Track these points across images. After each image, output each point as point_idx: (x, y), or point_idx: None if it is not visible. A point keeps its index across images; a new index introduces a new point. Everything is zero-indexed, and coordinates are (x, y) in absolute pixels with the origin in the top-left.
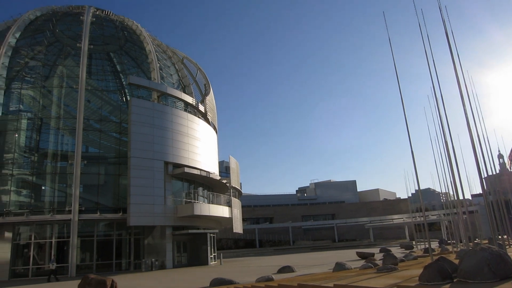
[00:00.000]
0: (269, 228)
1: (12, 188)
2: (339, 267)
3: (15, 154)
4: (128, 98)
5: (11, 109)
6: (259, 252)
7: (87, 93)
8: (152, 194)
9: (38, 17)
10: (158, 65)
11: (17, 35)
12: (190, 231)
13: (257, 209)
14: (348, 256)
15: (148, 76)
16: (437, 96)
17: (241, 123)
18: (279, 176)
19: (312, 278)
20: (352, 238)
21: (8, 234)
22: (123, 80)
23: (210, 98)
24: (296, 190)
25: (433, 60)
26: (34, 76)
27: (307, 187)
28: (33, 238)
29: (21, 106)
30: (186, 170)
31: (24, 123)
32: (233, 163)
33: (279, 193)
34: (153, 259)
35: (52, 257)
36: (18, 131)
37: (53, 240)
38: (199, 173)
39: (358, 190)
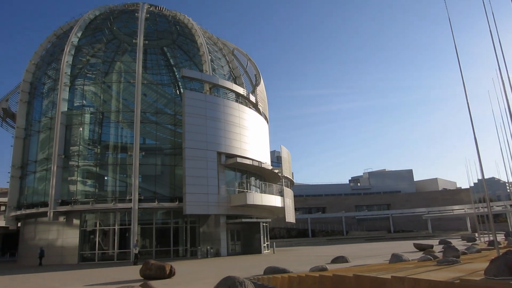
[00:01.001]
0: (321, 218)
1: (79, 179)
2: (396, 258)
3: (80, 146)
4: (182, 91)
5: (75, 104)
6: (311, 242)
7: (143, 87)
8: (206, 184)
9: (97, 16)
10: (210, 57)
11: (79, 34)
12: (243, 220)
13: (309, 198)
14: (405, 247)
15: (200, 68)
16: (503, 79)
17: (292, 112)
18: (331, 166)
19: (368, 269)
20: (408, 229)
21: (76, 221)
22: (176, 73)
23: (261, 89)
24: (349, 180)
25: (499, 40)
26: (95, 73)
27: (361, 176)
28: (98, 225)
29: (84, 101)
30: (239, 160)
31: (87, 117)
32: (285, 153)
33: (332, 182)
34: (208, 247)
35: (135, 241)
36: (82, 125)
37: (116, 227)
38: (251, 163)
39: (415, 179)
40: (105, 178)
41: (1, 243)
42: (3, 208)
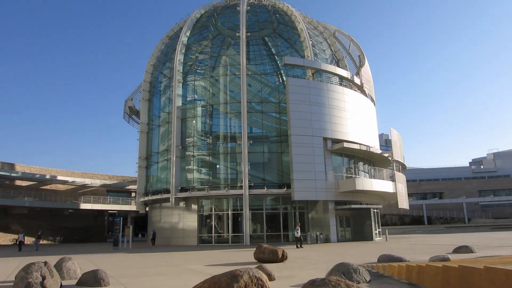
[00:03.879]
0: (438, 204)
1: (194, 167)
2: None
3: (194, 138)
4: (284, 79)
5: (188, 99)
6: (427, 230)
7: (248, 78)
8: (313, 170)
9: (202, 15)
10: (311, 42)
11: (188, 33)
12: (352, 206)
13: (424, 183)
14: None
15: (302, 54)
16: None
17: (400, 92)
18: (447, 148)
19: (501, 261)
20: None
21: (194, 206)
22: (278, 62)
23: (366, 70)
24: (470, 162)
25: None
26: (203, 68)
27: (484, 158)
28: (213, 210)
29: (195, 95)
30: (345, 145)
31: (199, 110)
32: (395, 136)
33: (449, 165)
34: (317, 233)
35: (297, 226)
36: (195, 118)
37: (229, 212)
38: (358, 148)
39: None
40: (217, 166)
41: (133, 225)
42: (133, 194)
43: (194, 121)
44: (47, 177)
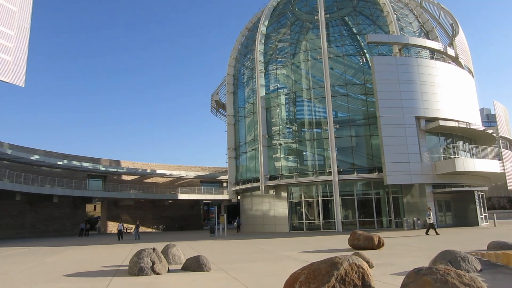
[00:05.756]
0: None
1: (282, 155)
2: None
3: (280, 126)
4: (368, 58)
5: (271, 88)
6: None
7: (330, 61)
8: (406, 152)
9: (279, 2)
10: (395, 16)
11: (266, 23)
12: (453, 189)
13: None
14: None
15: (386, 30)
16: None
17: (501, 61)
18: None
19: None
20: None
21: (283, 194)
22: (361, 41)
23: (460, 39)
24: None
25: None
26: (284, 56)
27: None
28: (302, 197)
29: (278, 84)
30: (441, 123)
31: (282, 98)
32: (500, 109)
33: None
34: (414, 218)
35: (428, 210)
36: (279, 106)
37: (319, 199)
38: (456, 125)
39: None
40: (304, 153)
41: (227, 213)
42: (225, 184)
43: (279, 110)
44: (148, 171)
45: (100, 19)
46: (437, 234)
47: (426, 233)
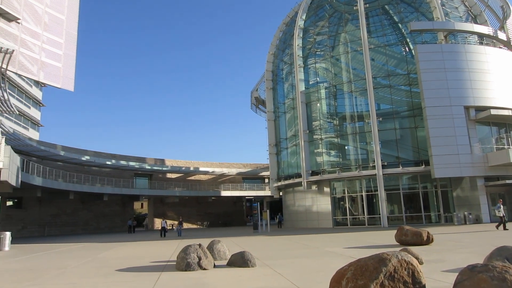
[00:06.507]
0: None
1: (323, 150)
2: None
3: (320, 121)
4: (411, 47)
5: (310, 82)
6: None
7: (371, 52)
8: (454, 144)
9: None
10: (439, 1)
11: (304, 17)
12: (507, 181)
13: None
14: None
15: (429, 17)
16: None
17: None
18: None
19: None
20: None
21: (326, 189)
22: (403, 30)
23: None
24: None
25: None
26: (323, 50)
27: None
28: (346, 192)
29: (317, 78)
30: (493, 112)
31: (322, 92)
32: None
33: None
34: (465, 212)
35: (499, 202)
36: (320, 101)
37: (363, 194)
38: (510, 114)
39: None
40: (346, 147)
41: (269, 209)
42: (267, 180)
43: (319, 104)
44: (191, 169)
45: (142, 20)
46: (505, 229)
47: (504, 228)
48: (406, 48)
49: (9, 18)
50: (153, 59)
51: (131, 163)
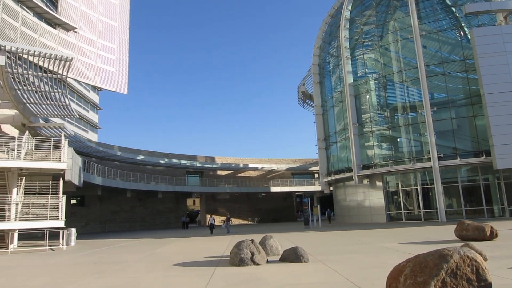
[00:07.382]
0: None
1: (374, 143)
2: None
3: (370, 113)
4: (467, 31)
5: (359, 74)
6: None
7: (422, 39)
8: None
9: None
10: None
11: (349, 7)
12: None
13: None
14: None
15: None
16: None
17: None
18: None
19: None
20: None
21: (379, 183)
22: (457, 13)
23: None
24: None
25: None
26: (370, 40)
27: None
28: (399, 185)
29: (366, 69)
30: None
31: (371, 84)
32: None
33: None
34: None
35: None
36: (369, 92)
37: (418, 187)
38: None
39: None
40: (398, 139)
41: (319, 204)
42: (316, 175)
43: (368, 96)
44: (241, 165)
45: (192, 17)
46: None
47: None
48: (461, 32)
49: (67, 28)
50: (201, 56)
51: (183, 161)
